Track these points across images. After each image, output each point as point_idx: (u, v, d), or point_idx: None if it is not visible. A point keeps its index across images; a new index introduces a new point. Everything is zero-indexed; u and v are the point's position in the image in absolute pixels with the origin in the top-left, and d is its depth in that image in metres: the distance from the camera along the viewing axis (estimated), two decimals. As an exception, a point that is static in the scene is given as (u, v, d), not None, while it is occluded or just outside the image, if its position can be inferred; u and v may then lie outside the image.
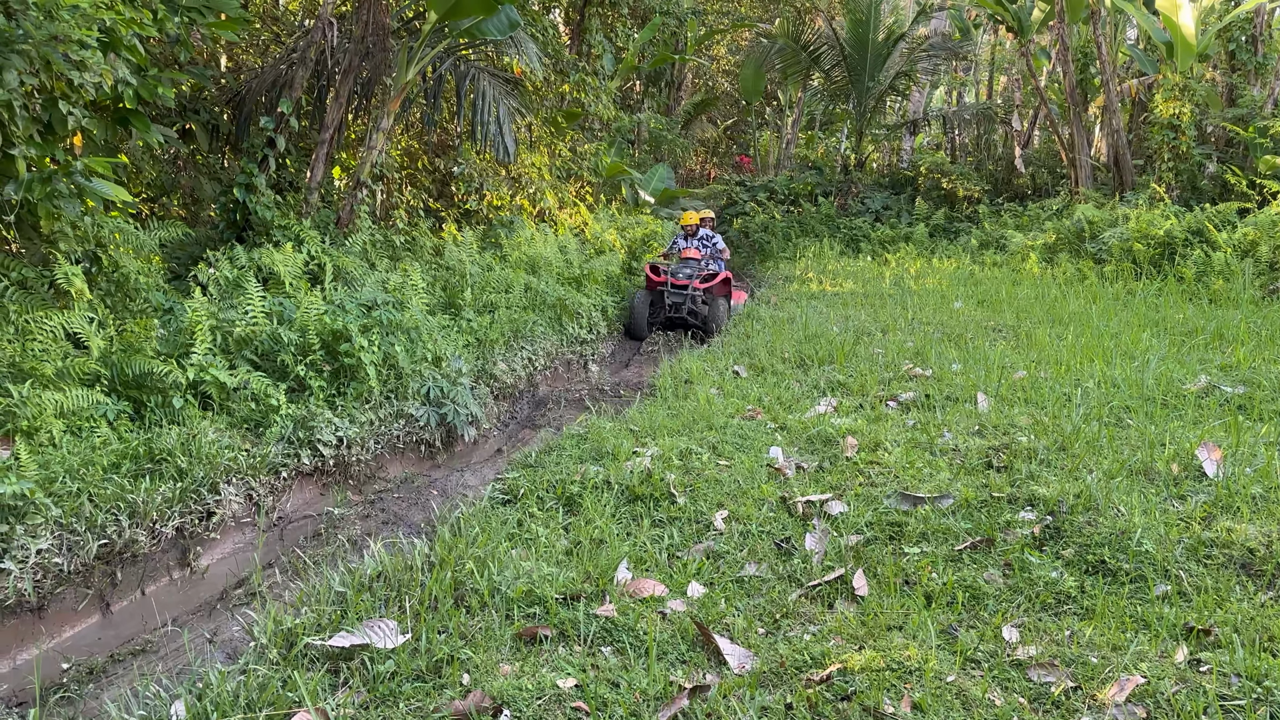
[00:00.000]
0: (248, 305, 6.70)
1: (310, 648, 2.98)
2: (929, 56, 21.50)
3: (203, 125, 9.63)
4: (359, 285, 8.28)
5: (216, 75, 10.56)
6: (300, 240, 8.45)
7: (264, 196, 8.46)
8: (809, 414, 5.87)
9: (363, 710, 2.67)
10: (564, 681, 2.79)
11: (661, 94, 26.62)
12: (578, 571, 3.58)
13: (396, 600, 3.36)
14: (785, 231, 19.33)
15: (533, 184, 12.98)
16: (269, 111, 9.06)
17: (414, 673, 2.87)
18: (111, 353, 5.65)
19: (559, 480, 4.67)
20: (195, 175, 10.23)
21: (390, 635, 3.02)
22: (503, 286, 9.69)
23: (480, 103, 10.49)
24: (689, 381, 7.14)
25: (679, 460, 4.90)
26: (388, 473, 6.44)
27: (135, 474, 4.76)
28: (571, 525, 4.13)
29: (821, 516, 4.16)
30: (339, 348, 6.68)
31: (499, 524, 4.12)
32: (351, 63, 9.17)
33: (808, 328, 9.08)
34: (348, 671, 2.88)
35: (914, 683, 2.77)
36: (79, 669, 3.50)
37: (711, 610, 3.30)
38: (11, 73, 4.49)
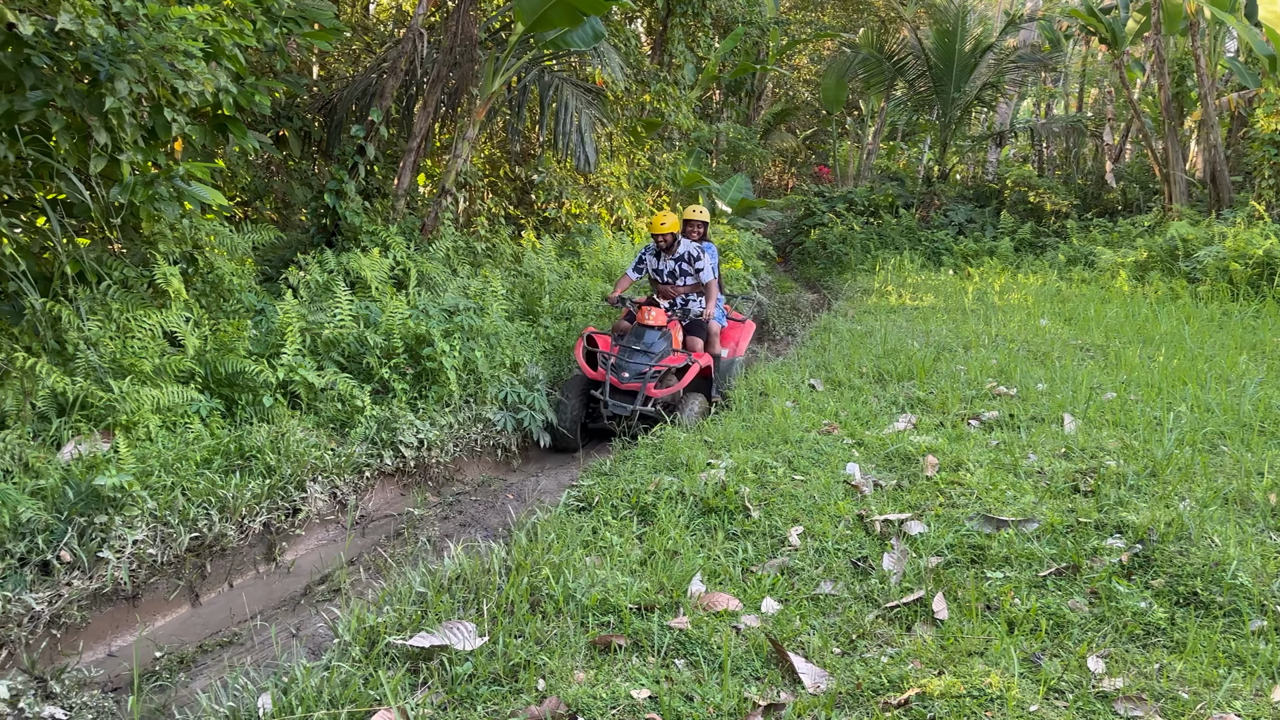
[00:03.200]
0: (336, 308, 6.89)
1: (391, 646, 3.04)
2: (1017, 68, 21.04)
3: (296, 132, 9.93)
4: (441, 290, 8.45)
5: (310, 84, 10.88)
6: (387, 245, 8.66)
7: (353, 202, 8.69)
8: (887, 430, 5.78)
9: (441, 711, 2.72)
10: (638, 692, 2.80)
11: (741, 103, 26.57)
12: (652, 582, 3.59)
13: (474, 603, 3.41)
14: (864, 243, 19.09)
15: (611, 193, 13.07)
16: (360, 120, 9.31)
17: (491, 676, 2.91)
18: (206, 351, 5.87)
19: (633, 489, 4.69)
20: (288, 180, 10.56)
21: (468, 637, 3.07)
22: (579, 294, 9.78)
23: (562, 112, 10.62)
24: (764, 394, 7.10)
25: (754, 473, 4.88)
26: (465, 475, 6.55)
27: (226, 470, 4.93)
28: (645, 535, 4.14)
29: (900, 536, 4.10)
30: (421, 351, 6.83)
31: (574, 531, 4.15)
32: (440, 73, 9.37)
33: (886, 342, 8.95)
34: (427, 671, 2.93)
35: (995, 711, 2.71)
36: (170, 658, 3.64)
37: (786, 627, 3.28)
38: (123, 82, 4.70)
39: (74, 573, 3.84)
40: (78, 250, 5.79)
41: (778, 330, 12.52)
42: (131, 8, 4.96)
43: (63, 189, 5.48)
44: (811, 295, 15.96)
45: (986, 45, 20.25)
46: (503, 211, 12.11)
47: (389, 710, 2.63)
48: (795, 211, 24.15)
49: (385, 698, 2.69)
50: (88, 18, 4.52)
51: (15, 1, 4.48)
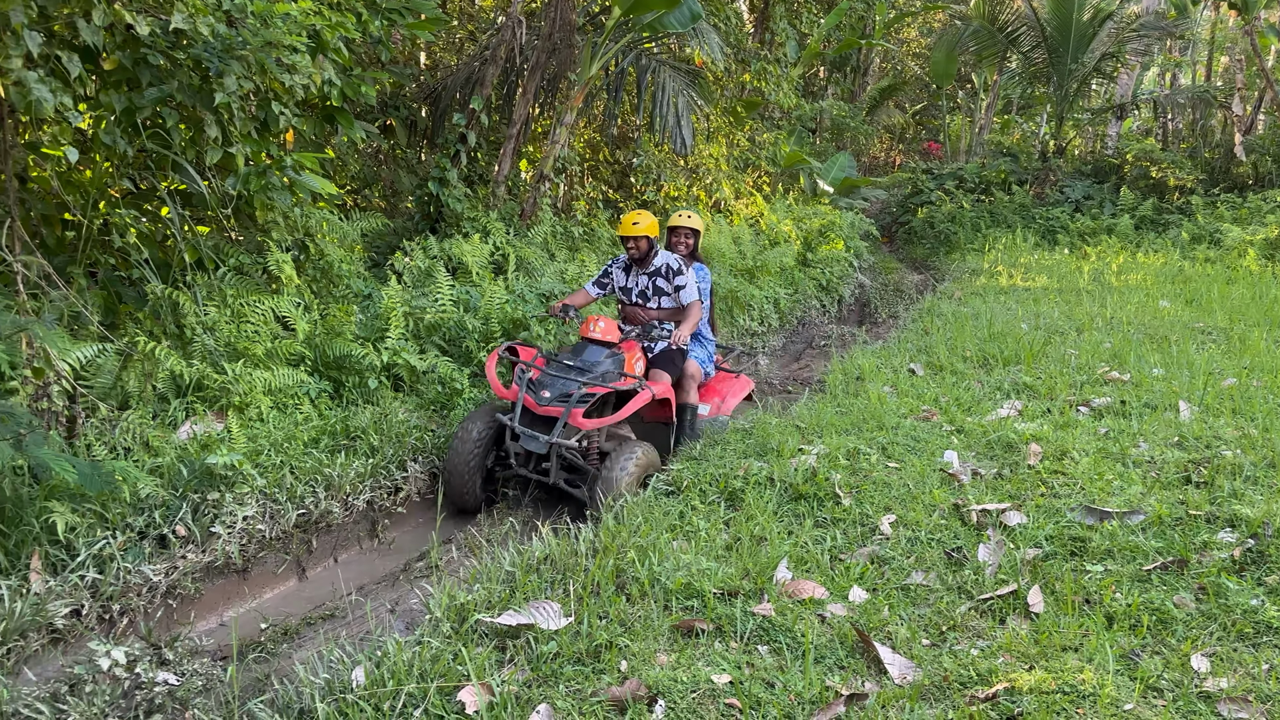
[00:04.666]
0: (438, 293, 7.07)
1: (480, 624, 3.12)
2: (1140, 36, 19.96)
3: (401, 121, 10.20)
4: (539, 275, 8.57)
5: (414, 73, 11.15)
6: (487, 231, 8.83)
7: (455, 190, 8.89)
8: (990, 417, 5.62)
9: (525, 688, 2.78)
10: (719, 677, 2.81)
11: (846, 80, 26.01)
12: (737, 568, 3.59)
13: (561, 583, 3.46)
14: (974, 222, 18.50)
15: (709, 174, 13.00)
16: (462, 108, 9.50)
17: (575, 655, 2.96)
18: (315, 335, 6.10)
19: (722, 474, 4.68)
20: (394, 169, 10.86)
21: (554, 617, 3.13)
22: (677, 277, 9.77)
23: (660, 95, 10.60)
24: (860, 379, 6.98)
25: (846, 460, 4.81)
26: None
27: (332, 449, 5.13)
28: (732, 521, 4.14)
29: (997, 527, 3.98)
30: (518, 335, 6.95)
31: (661, 515, 4.17)
32: (539, 59, 9.47)
33: (993, 325, 8.68)
34: (513, 649, 3.00)
35: (1087, 708, 2.62)
36: (275, 629, 3.82)
37: (873, 617, 3.23)
38: (232, 77, 4.90)
39: (188, 546, 4.06)
40: (196, 239, 6.08)
41: (879, 313, 12.27)
42: (240, 5, 5.16)
43: (182, 180, 5.76)
44: (916, 276, 15.56)
45: (1106, 13, 19.28)
46: (601, 195, 12.19)
47: (475, 686, 2.71)
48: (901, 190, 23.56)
49: (473, 673, 2.77)
50: (199, 16, 4.73)
51: (133, 3, 4.72)
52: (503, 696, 2.70)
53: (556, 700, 2.70)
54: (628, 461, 4.91)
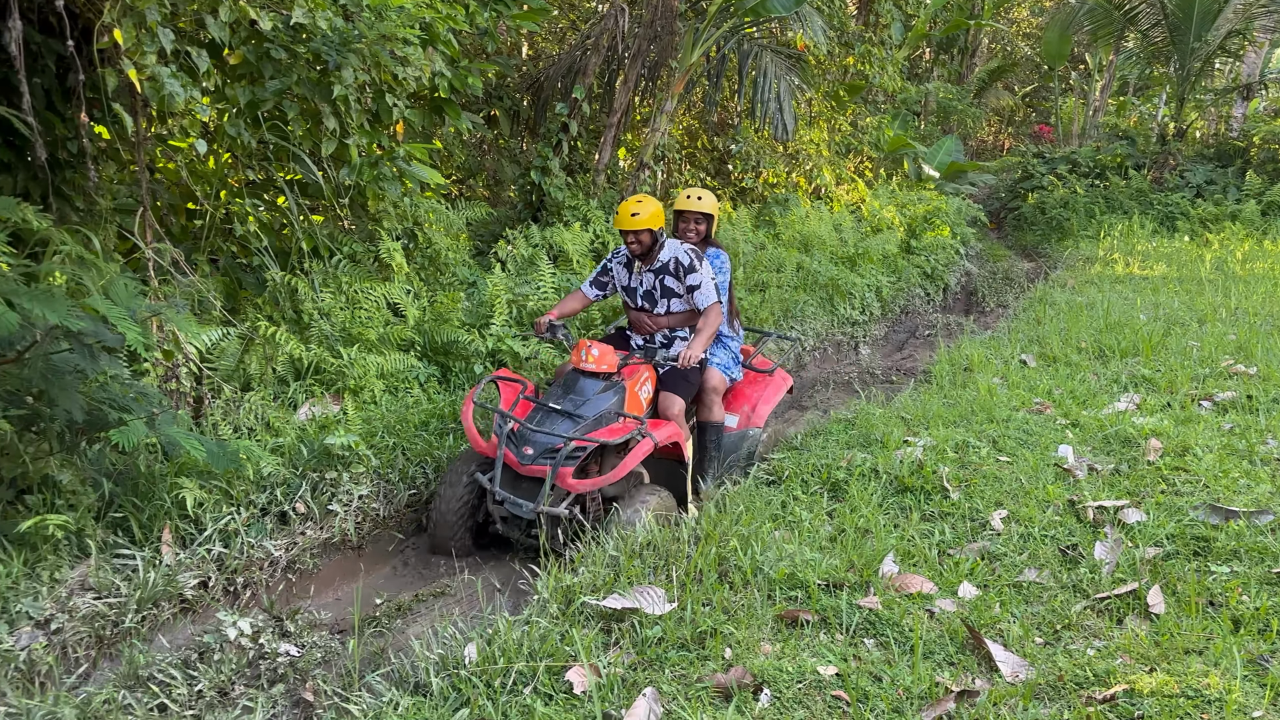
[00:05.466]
0: (539, 281, 7.18)
1: (586, 606, 3.17)
2: (1269, 12, 18.81)
3: (506, 111, 10.36)
4: (640, 262, 8.60)
5: (519, 63, 11.30)
6: (587, 220, 8.91)
7: (556, 178, 8.99)
8: (1106, 411, 5.42)
9: (631, 671, 2.82)
10: (825, 668, 2.79)
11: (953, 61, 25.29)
12: (841, 560, 3.55)
13: (664, 569, 3.49)
14: (1088, 207, 17.77)
15: (810, 160, 12.83)
16: (564, 97, 9.59)
17: (679, 641, 2.98)
18: (424, 321, 6.27)
19: (824, 465, 4.64)
20: (498, 158, 11.05)
21: (658, 602, 3.16)
22: (774, 265, 9.70)
23: (761, 80, 10.50)
24: (969, 369, 6.80)
25: (954, 453, 4.70)
26: (658, 442, 6.67)
27: (441, 432, 5.26)
28: (836, 512, 4.10)
29: (1115, 524, 3.85)
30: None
31: (763, 504, 4.16)
32: (640, 47, 9.49)
33: (1109, 315, 8.35)
34: (618, 632, 3.04)
35: (1212, 713, 2.51)
36: (389, 605, 3.95)
37: (984, 613, 3.16)
38: (349, 70, 5.06)
39: (307, 523, 4.24)
40: (312, 227, 6.31)
41: (987, 302, 11.92)
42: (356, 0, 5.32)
43: (298, 170, 5.98)
44: (1026, 264, 15.06)
45: (1235, -13, 18.24)
46: (699, 182, 12.15)
47: (582, 667, 2.76)
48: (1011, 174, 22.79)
49: (580, 654, 2.82)
50: (318, 11, 4.89)
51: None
52: (609, 678, 2.74)
53: (662, 684, 2.73)
54: (638, 512, 4.06)
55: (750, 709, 2.61)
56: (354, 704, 2.71)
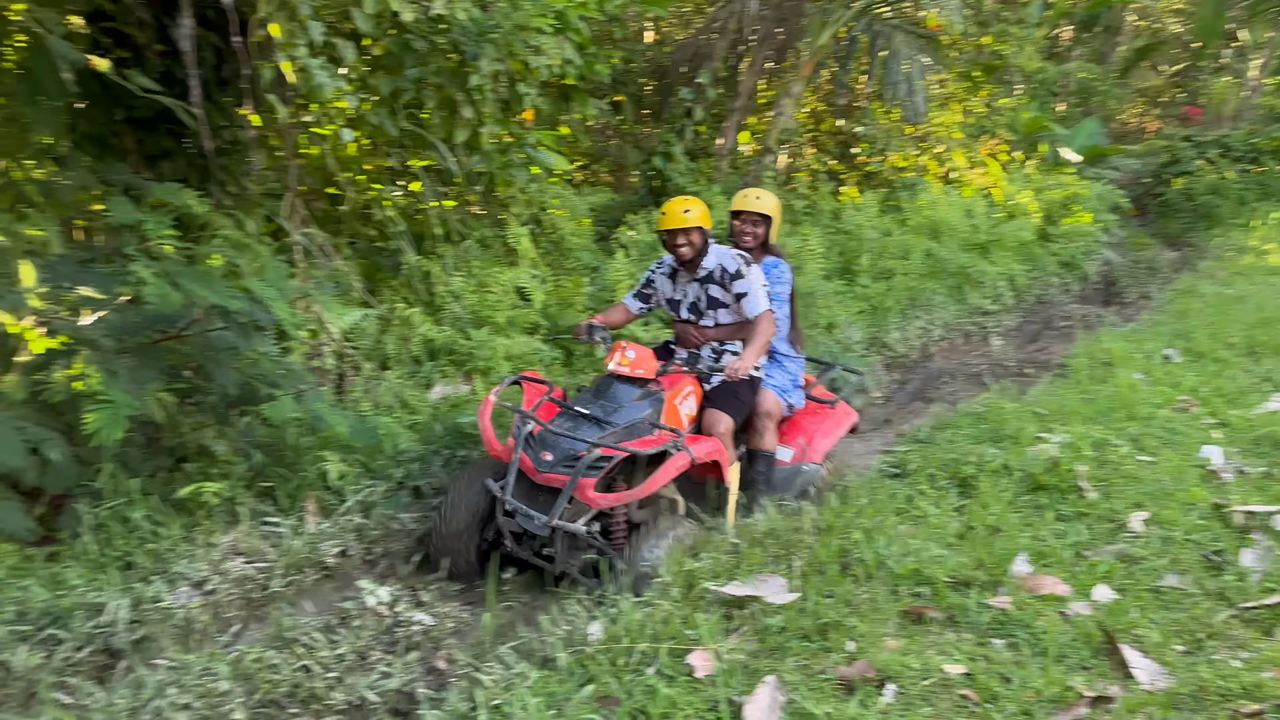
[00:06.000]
0: (660, 266, 7.22)
1: (707, 592, 3.21)
2: None
3: (630, 97, 10.43)
4: (761, 248, 8.55)
5: (644, 49, 11.35)
6: (710, 205, 8.90)
7: (678, 163, 9.01)
8: (1257, 411, 5.11)
9: (752, 658, 2.83)
10: (952, 667, 2.75)
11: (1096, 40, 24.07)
12: (970, 557, 3.47)
13: (785, 559, 3.49)
14: (1240, 194, 16.68)
15: (941, 143, 12.46)
16: (689, 82, 9.59)
17: (800, 631, 2.98)
18: (549, 305, 6.41)
19: (952, 459, 4.53)
20: (621, 144, 11.14)
21: (779, 591, 3.16)
22: (901, 252, 9.48)
23: (892, 61, 10.24)
24: (1108, 364, 6.51)
25: (1091, 451, 4.52)
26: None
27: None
28: (964, 508, 4.00)
29: (1264, 530, 3.64)
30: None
31: (887, 497, 4.10)
32: (767, 30, 9.39)
33: (1263, 309, 7.84)
34: (739, 619, 3.06)
35: (1377, 741, 2.36)
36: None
37: (1120, 618, 3.05)
38: (485, 59, 5.20)
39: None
40: (445, 212, 6.52)
41: (1128, 292, 11.36)
42: (492, -10, 5.47)
43: (433, 158, 6.19)
44: (1171, 253, 14.26)
45: None
46: (824, 166, 11.97)
47: (704, 651, 2.79)
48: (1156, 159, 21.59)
49: (702, 638, 2.85)
50: (457, 2, 5.05)
51: (396, -8, 5.10)
52: (730, 664, 2.77)
53: (784, 673, 2.74)
54: (653, 553, 3.56)
55: (874, 703, 2.59)
56: (485, 674, 2.82)
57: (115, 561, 3.56)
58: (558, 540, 3.76)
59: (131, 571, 3.56)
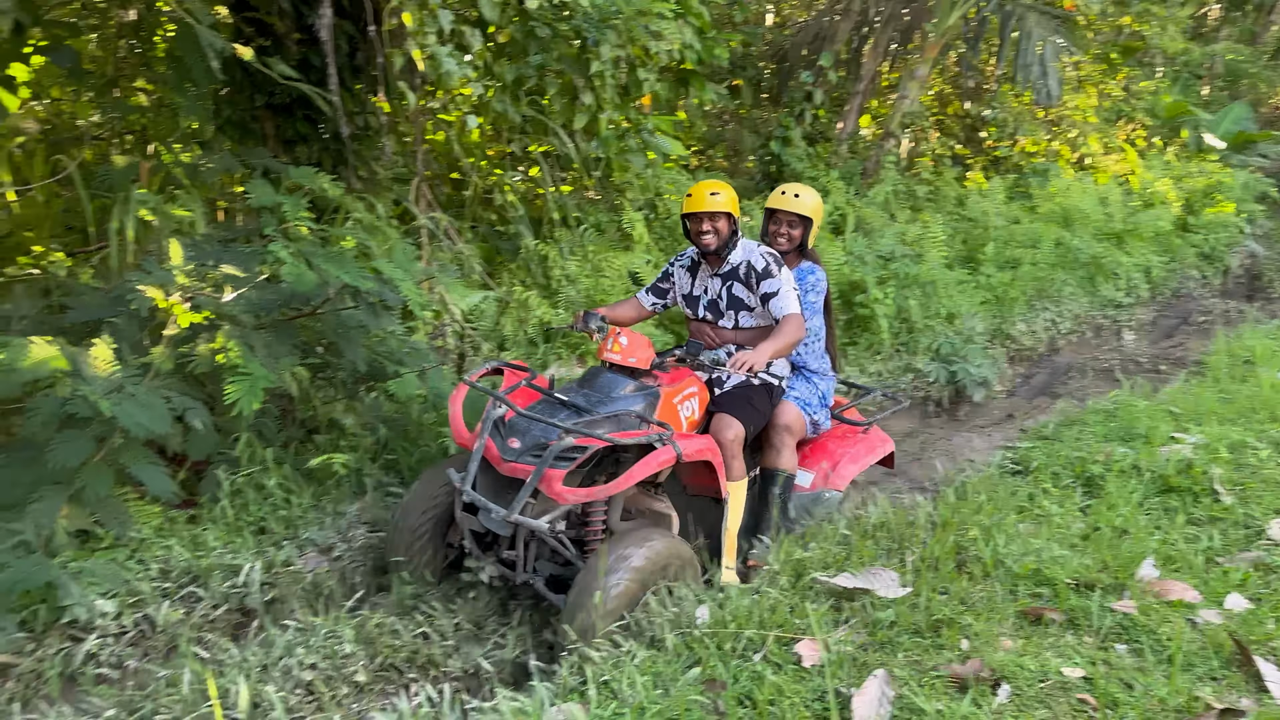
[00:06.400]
0: (776, 252, 7.15)
1: (816, 582, 3.19)
2: None
3: (748, 81, 10.34)
4: (878, 236, 8.38)
5: (764, 32, 11.23)
6: (826, 191, 8.77)
7: (796, 148, 8.90)
8: None
9: (860, 650, 2.81)
10: (1071, 670, 2.66)
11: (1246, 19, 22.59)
12: (1094, 559, 3.35)
13: (897, 553, 3.44)
14: None
15: (1074, 128, 11.93)
16: (809, 66, 9.46)
17: (912, 626, 2.93)
18: (662, 290, 6.43)
19: (1078, 458, 4.37)
20: (738, 129, 11.06)
21: (891, 585, 3.12)
22: (1029, 240, 9.13)
23: (1024, 42, 9.85)
24: (1250, 362, 6.15)
25: (1228, 453, 4.29)
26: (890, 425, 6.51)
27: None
28: (1090, 509, 3.86)
29: None
30: (854, 298, 6.87)
31: (1007, 494, 3.99)
32: (893, 11, 9.17)
33: None
34: (849, 611, 3.04)
35: None
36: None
37: (1255, 629, 2.89)
38: (606, 46, 5.24)
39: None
40: (562, 198, 6.62)
41: (1274, 287, 10.68)
42: (615, -24, 5.50)
43: (552, 143, 6.29)
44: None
45: None
46: (949, 151, 11.62)
47: (812, 640, 2.78)
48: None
49: (811, 628, 2.84)
50: (580, -11, 5.11)
51: (522, -20, 5.20)
52: (838, 655, 2.75)
53: (894, 668, 2.70)
54: (621, 568, 3.08)
55: (987, 703, 2.54)
56: (595, 650, 2.88)
57: (250, 526, 3.77)
58: (520, 542, 3.34)
59: (264, 536, 3.77)
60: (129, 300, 3.47)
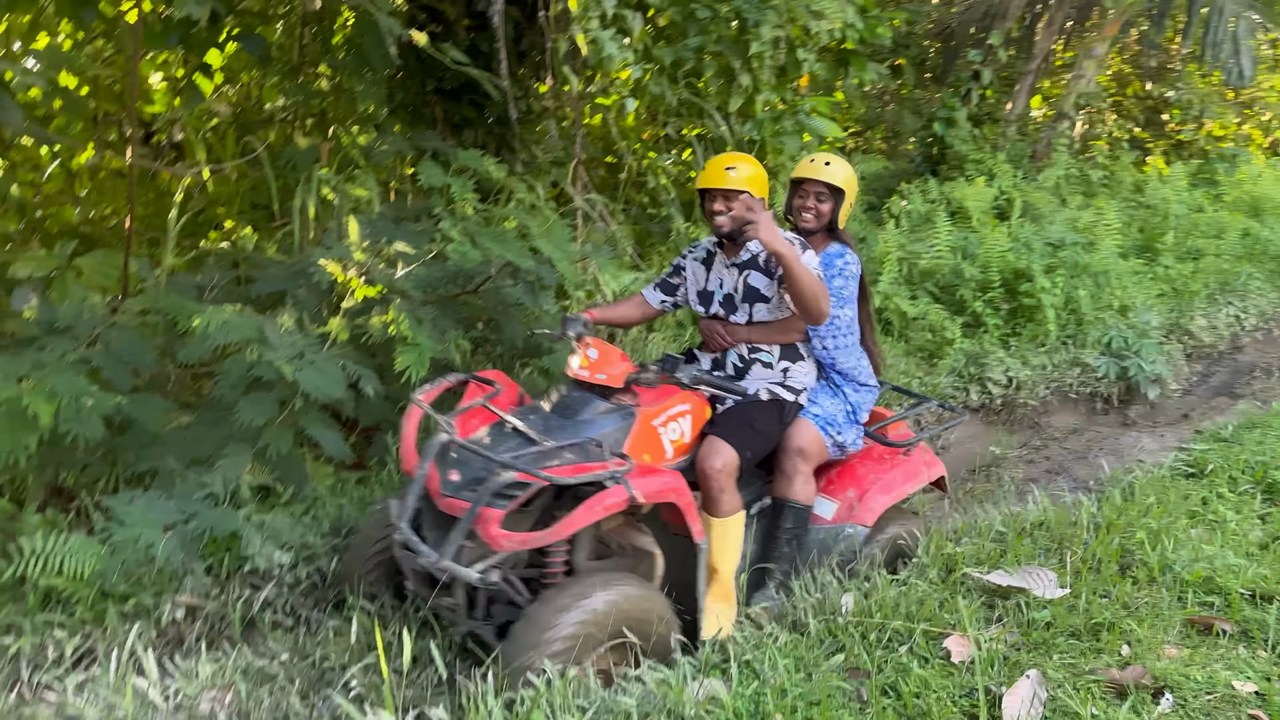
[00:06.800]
0: (934, 238, 6.95)
1: (968, 577, 3.11)
2: None
3: (911, 60, 10.04)
4: (1047, 223, 8.00)
5: (929, 10, 10.88)
6: (992, 175, 8.44)
7: (961, 130, 8.60)
8: None
9: (1014, 650, 2.73)
10: (1242, 684, 2.51)
11: None
12: (1272, 570, 3.14)
13: (1056, 553, 3.32)
14: None
15: (1268, 110, 11.04)
16: (977, 44, 9.10)
17: (1070, 629, 2.83)
18: (814, 274, 6.36)
19: (1259, 462, 4.08)
20: (898, 109, 10.77)
21: (1049, 585, 3.01)
22: (1213, 230, 8.53)
23: (1215, 19, 9.16)
24: None
25: None
26: (1053, 421, 6.25)
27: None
28: (1270, 517, 3.61)
29: None
30: (1019, 287, 6.61)
31: (1179, 498, 3.77)
32: (1068, -14, 8.71)
33: None
34: (1002, 609, 2.96)
35: None
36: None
37: None
38: (767, 26, 5.20)
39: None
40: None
41: None
42: (776, -44, 5.45)
43: (706, 126, 6.29)
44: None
45: None
46: (1126, 134, 10.96)
47: (963, 636, 2.72)
48: None
49: (961, 623, 2.78)
50: (741, -30, 5.09)
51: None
52: (989, 653, 2.68)
53: (1048, 669, 2.62)
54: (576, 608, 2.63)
55: (1148, 711, 2.42)
56: (738, 631, 2.91)
57: (413, 489, 3.98)
58: (457, 590, 2.87)
59: (426, 499, 3.96)
60: (310, 273, 3.72)
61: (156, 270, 4.34)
